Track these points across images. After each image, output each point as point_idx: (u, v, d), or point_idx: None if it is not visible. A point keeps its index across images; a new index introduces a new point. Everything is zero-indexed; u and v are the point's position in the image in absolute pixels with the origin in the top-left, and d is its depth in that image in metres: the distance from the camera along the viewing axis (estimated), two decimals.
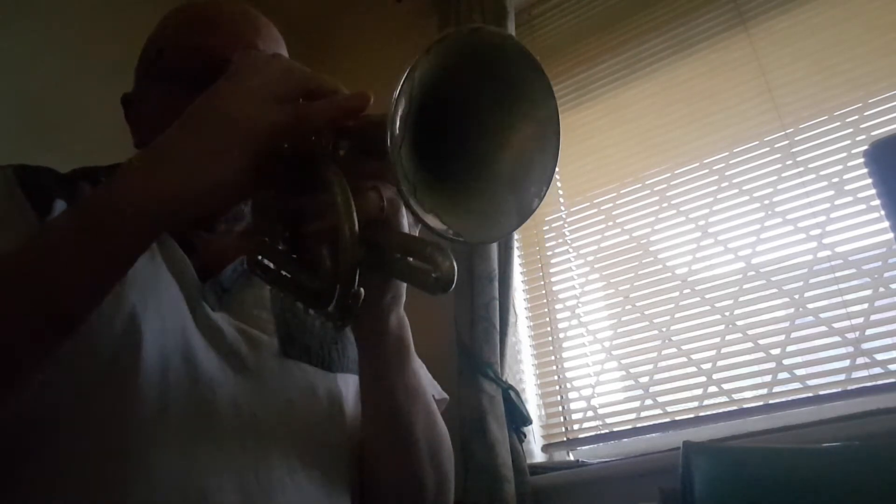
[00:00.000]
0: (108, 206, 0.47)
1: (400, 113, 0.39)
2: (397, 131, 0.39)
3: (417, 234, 0.51)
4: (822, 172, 1.49)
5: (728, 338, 1.50)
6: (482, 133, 0.45)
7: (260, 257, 0.59)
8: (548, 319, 1.80)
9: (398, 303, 0.59)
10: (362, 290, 0.50)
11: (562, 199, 1.87)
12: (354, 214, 0.46)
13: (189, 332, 0.62)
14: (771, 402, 1.40)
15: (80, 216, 0.49)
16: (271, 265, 0.59)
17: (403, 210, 0.51)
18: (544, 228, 1.89)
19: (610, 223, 1.77)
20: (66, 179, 0.68)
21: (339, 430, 0.69)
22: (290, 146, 0.50)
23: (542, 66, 0.44)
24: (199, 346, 0.62)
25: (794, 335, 1.43)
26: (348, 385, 0.72)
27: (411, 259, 0.47)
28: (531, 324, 1.83)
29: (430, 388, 0.77)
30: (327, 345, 0.72)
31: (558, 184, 1.89)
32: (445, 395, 0.81)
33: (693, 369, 1.52)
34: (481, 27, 0.42)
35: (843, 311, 1.38)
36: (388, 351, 0.62)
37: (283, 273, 0.57)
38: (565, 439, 1.66)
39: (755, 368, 1.45)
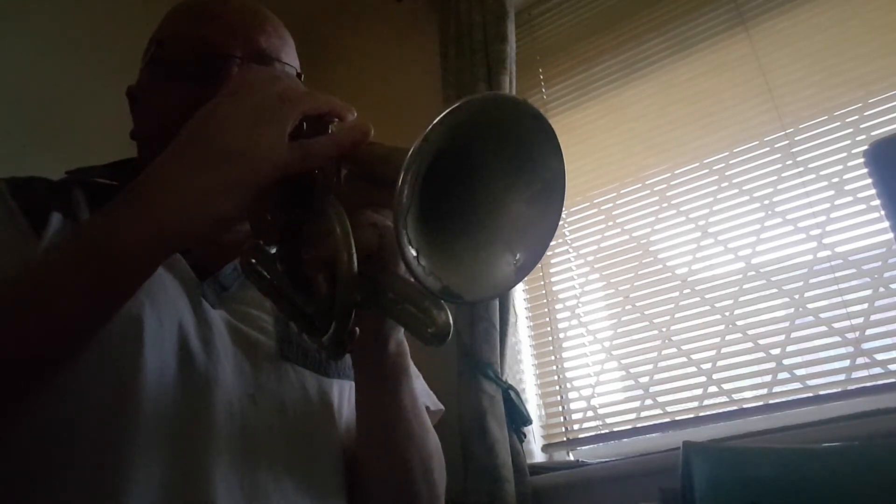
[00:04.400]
0: (111, 241, 0.47)
1: (409, 183, 0.38)
2: (405, 200, 0.38)
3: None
4: (822, 172, 1.49)
5: (728, 338, 1.50)
6: (486, 192, 0.45)
7: (254, 261, 0.59)
8: (548, 319, 1.80)
9: (398, 329, 0.58)
10: (357, 329, 0.50)
11: None
12: (354, 254, 0.46)
13: (186, 334, 0.62)
14: (771, 402, 1.40)
15: (82, 249, 0.48)
16: (266, 273, 0.58)
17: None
18: None
19: (610, 223, 1.77)
20: (60, 187, 0.68)
21: (331, 437, 0.68)
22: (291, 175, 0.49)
23: (553, 130, 0.43)
24: (196, 348, 0.62)
25: (794, 335, 1.43)
26: (344, 391, 0.71)
27: (407, 305, 0.47)
28: (531, 324, 1.83)
29: (426, 399, 0.77)
30: None
31: None
32: (441, 406, 0.80)
33: (693, 369, 1.52)
34: (497, 95, 0.41)
35: (843, 311, 1.38)
36: (384, 373, 0.61)
37: (278, 286, 0.56)
38: (565, 439, 1.66)
39: (755, 368, 1.45)
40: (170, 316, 0.61)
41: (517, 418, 1.58)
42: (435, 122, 0.38)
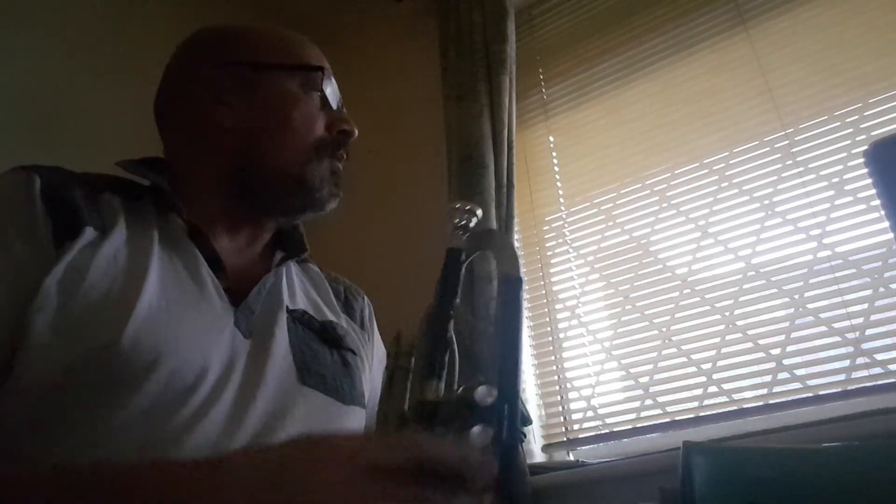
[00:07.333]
0: None
1: None
2: None
3: None
4: (822, 172, 1.49)
5: (728, 338, 1.50)
6: None
7: None
8: (548, 319, 1.80)
9: None
10: None
11: (562, 199, 1.87)
12: None
13: (216, 366, 0.62)
14: (771, 402, 1.40)
15: None
16: None
17: None
18: (544, 228, 1.88)
19: (610, 223, 1.77)
20: (89, 190, 0.67)
21: None
22: None
23: None
24: (224, 384, 0.62)
25: (794, 335, 1.43)
26: (359, 419, 0.73)
27: None
28: (531, 324, 1.83)
29: None
30: (339, 377, 0.73)
31: (558, 184, 1.89)
32: None
33: (693, 369, 1.52)
34: None
35: (843, 311, 1.38)
36: None
37: None
38: (565, 439, 1.66)
39: (755, 368, 1.45)
40: (199, 348, 0.62)
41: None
42: None
